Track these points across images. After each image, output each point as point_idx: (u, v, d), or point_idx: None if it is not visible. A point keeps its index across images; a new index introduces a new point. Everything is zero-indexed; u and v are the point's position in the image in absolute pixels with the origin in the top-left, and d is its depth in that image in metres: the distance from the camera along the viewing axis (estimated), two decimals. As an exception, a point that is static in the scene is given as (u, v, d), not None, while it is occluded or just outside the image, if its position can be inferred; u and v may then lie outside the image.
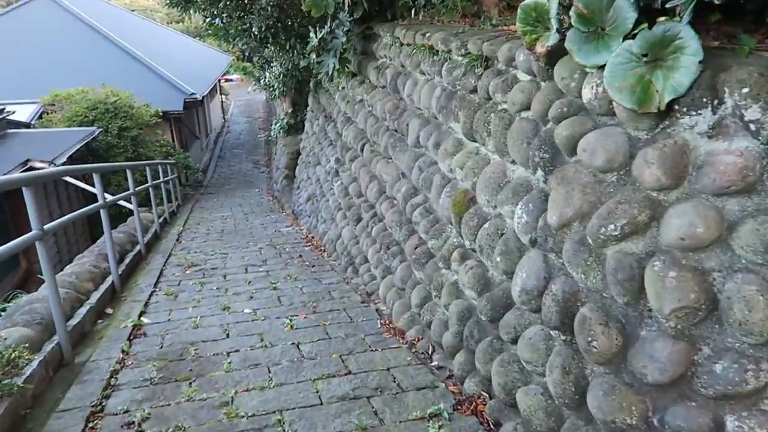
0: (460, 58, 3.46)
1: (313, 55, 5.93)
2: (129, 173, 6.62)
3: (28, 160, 8.71)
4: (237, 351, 3.56)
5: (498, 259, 2.65)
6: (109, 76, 14.08)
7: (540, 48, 2.32)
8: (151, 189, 8.22)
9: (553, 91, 2.41)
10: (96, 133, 11.12)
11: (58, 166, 9.09)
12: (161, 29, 26.45)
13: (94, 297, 4.49)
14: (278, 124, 14.46)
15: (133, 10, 31.11)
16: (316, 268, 5.93)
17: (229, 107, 31.20)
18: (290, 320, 4.10)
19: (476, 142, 3.17)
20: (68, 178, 9.44)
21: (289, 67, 8.77)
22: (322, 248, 6.93)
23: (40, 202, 9.00)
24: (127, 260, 5.96)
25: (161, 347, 3.71)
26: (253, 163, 20.09)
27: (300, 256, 6.60)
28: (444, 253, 3.32)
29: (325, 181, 7.59)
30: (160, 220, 9.34)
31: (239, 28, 7.63)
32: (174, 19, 45.81)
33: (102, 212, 4.90)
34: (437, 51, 3.85)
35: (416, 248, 3.80)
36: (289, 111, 14.28)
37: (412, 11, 4.93)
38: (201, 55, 24.72)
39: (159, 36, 23.35)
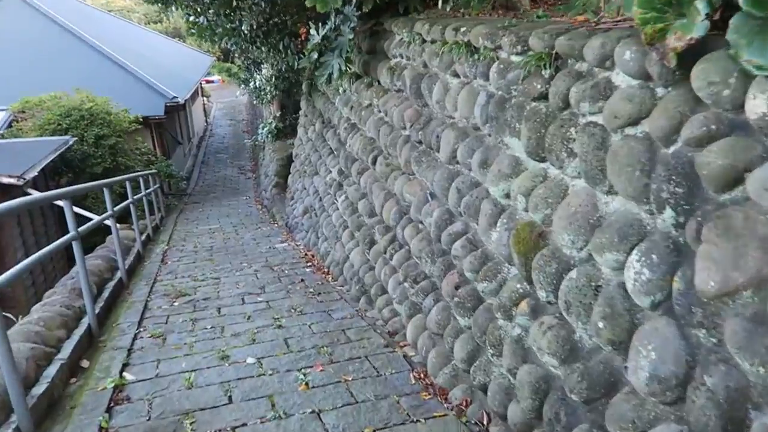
0: (514, 57, 2.80)
1: (314, 55, 5.23)
2: (106, 192, 5.85)
3: (-7, 176, 7.89)
4: (244, 425, 2.87)
5: (600, 324, 1.99)
6: (85, 80, 13.20)
7: (676, 42, 1.66)
8: (131, 205, 7.46)
9: (686, 101, 1.76)
10: (70, 143, 10.29)
11: (27, 180, 8.29)
12: (139, 30, 25.48)
13: (67, 348, 3.75)
14: (266, 128, 13.72)
15: (110, 11, 30.04)
16: (323, 297, 5.24)
17: (211, 110, 30.31)
18: (304, 375, 3.41)
19: (545, 162, 2.52)
20: (33, 192, 8.61)
21: (282, 69, 8.06)
22: (326, 270, 6.24)
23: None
24: (105, 293, 5.21)
25: (149, 419, 3.00)
26: (238, 169, 19.29)
27: (302, 280, 5.90)
28: (503, 300, 2.66)
29: (326, 194, 6.90)
30: (143, 237, 8.57)
31: (227, 26, 6.90)
32: (152, 20, 44.68)
33: (74, 245, 4.15)
34: (477, 48, 3.19)
35: (458, 288, 3.14)
36: (278, 114, 13.54)
37: (439, 3, 4.25)
38: (182, 56, 23.83)
39: (137, 37, 22.41)
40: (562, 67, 2.46)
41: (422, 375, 3.35)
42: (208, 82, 35.07)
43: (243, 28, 6.88)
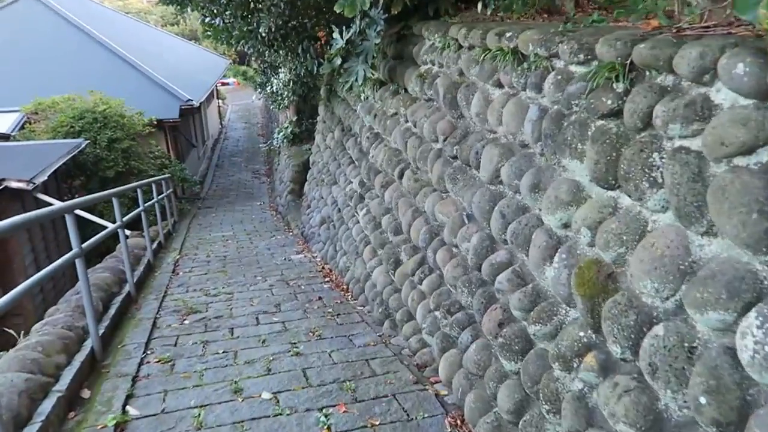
0: (575, 68, 2.44)
1: (337, 60, 4.90)
2: (115, 202, 5.56)
3: (2, 180, 7.65)
4: (260, 482, 2.53)
5: (702, 399, 1.62)
6: (99, 82, 13.02)
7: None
8: (142, 213, 7.17)
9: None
10: (83, 146, 10.07)
11: (36, 185, 8.04)
12: (155, 32, 25.40)
13: (66, 377, 3.43)
14: (281, 133, 13.45)
15: (126, 13, 30.03)
16: (343, 318, 4.89)
17: (226, 112, 30.19)
18: (326, 417, 3.06)
19: (615, 190, 2.16)
20: (42, 196, 8.38)
21: (301, 74, 7.74)
22: (345, 287, 5.90)
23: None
24: (112, 309, 4.91)
25: (152, 468, 2.67)
26: (252, 173, 19.04)
27: (320, 298, 5.56)
28: (561, 349, 2.29)
29: (345, 205, 6.56)
30: (154, 245, 8.30)
31: (243, 29, 6.60)
32: (169, 22, 44.82)
33: (78, 263, 3.84)
34: (525, 56, 2.83)
35: (502, 326, 2.77)
36: (294, 119, 13.27)
37: (478, 6, 3.90)
38: (197, 58, 23.69)
39: (153, 39, 22.30)
40: (639, 80, 2.10)
41: (458, 421, 2.99)
42: (223, 84, 35.00)
43: (260, 30, 6.56)
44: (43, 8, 15.67)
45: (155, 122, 13.00)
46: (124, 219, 6.44)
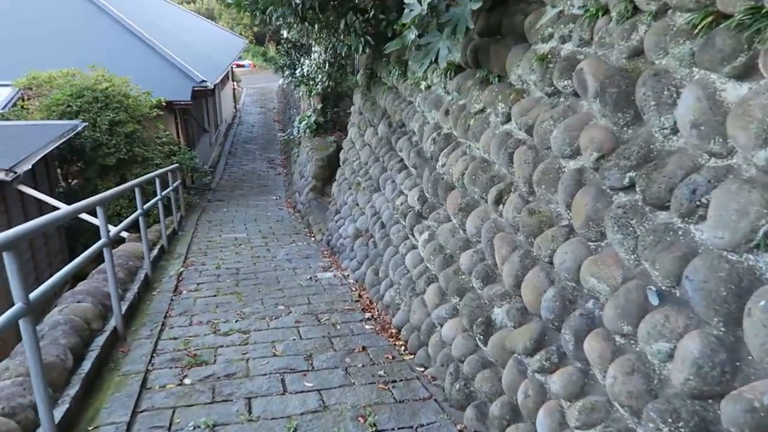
0: None
1: (411, 34, 3.52)
2: (100, 213, 4.24)
3: (-25, 168, 6.37)
4: None
5: None
6: (104, 56, 11.71)
7: None
8: (141, 218, 5.86)
9: None
10: (79, 128, 8.77)
11: (17, 175, 6.74)
12: (170, 7, 24.02)
13: None
14: (304, 122, 12.09)
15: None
16: (401, 390, 3.56)
17: (241, 95, 28.83)
18: None
19: None
20: (25, 189, 7.09)
21: (342, 53, 6.37)
22: (394, 333, 4.57)
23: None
24: (87, 363, 3.60)
25: None
26: (268, 162, 17.71)
27: (363, 348, 4.23)
28: None
29: (394, 221, 5.22)
30: (155, 251, 7.01)
31: (275, -8, 5.23)
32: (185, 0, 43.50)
33: (22, 325, 2.51)
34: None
35: None
36: (318, 107, 11.90)
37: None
38: (213, 38, 22.34)
39: (167, 15, 20.94)
40: None
41: None
42: (238, 66, 33.65)
43: (295, -2, 5.20)
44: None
45: (164, 104, 11.68)
46: (119, 227, 5.15)
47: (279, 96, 26.64)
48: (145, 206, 6.03)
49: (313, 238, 9.12)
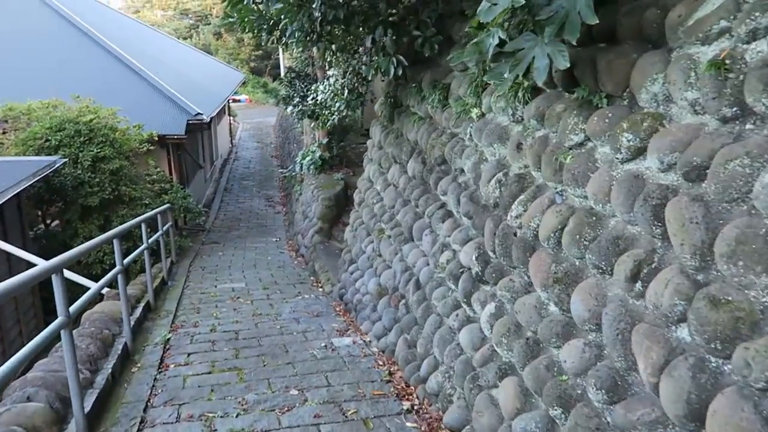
0: None
1: (491, 39, 2.54)
2: (56, 284, 3.15)
3: None
4: None
5: None
6: (92, 87, 10.79)
7: None
8: (120, 276, 4.78)
9: None
10: (57, 165, 7.73)
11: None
12: (164, 38, 23.34)
13: None
14: (307, 158, 11.12)
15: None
16: None
17: (237, 130, 27.99)
18: None
19: None
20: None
21: (367, 78, 5.39)
22: (449, 436, 3.47)
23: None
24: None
25: None
26: (266, 200, 16.68)
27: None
28: None
29: (435, 281, 4.16)
30: (138, 311, 5.90)
31: (289, 4, 4.27)
32: (182, 35, 43.26)
33: None
34: None
35: None
36: (324, 142, 10.95)
37: None
38: (210, 70, 21.60)
39: (161, 46, 20.21)
40: None
41: None
42: (234, 101, 33.00)
43: (313, 10, 4.25)
44: None
45: (156, 138, 10.70)
46: (81, 300, 4.07)
47: (276, 131, 25.84)
48: (126, 261, 4.96)
49: (321, 289, 8.02)
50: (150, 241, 6.99)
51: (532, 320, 2.86)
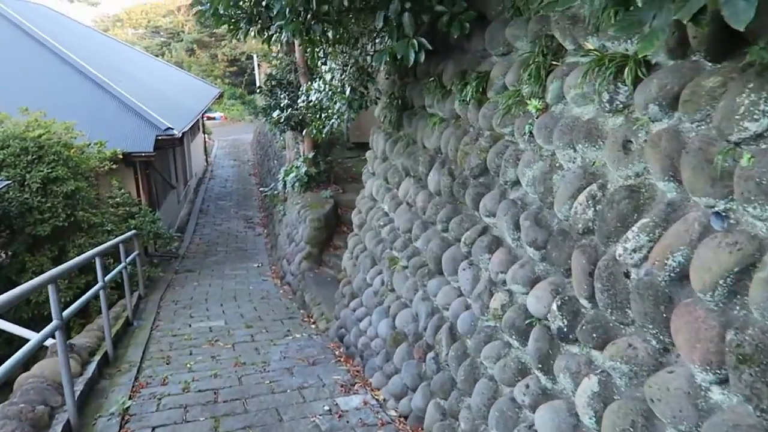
0: None
1: None
2: None
3: None
4: None
5: None
6: (48, 100, 9.59)
7: None
8: (59, 333, 3.61)
9: None
10: (-2, 189, 6.53)
11: None
12: (133, 52, 22.11)
13: None
14: (292, 174, 10.03)
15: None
16: None
17: (212, 148, 26.74)
18: None
19: None
20: None
21: (376, 71, 4.33)
22: None
23: None
24: None
25: None
26: (245, 221, 15.50)
27: None
28: None
29: (482, 334, 3.10)
30: (92, 365, 4.72)
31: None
32: (153, 53, 41.94)
33: None
34: None
35: None
36: (309, 156, 9.88)
37: None
38: (182, 85, 20.42)
39: (129, 59, 18.99)
40: None
41: None
42: (209, 118, 31.80)
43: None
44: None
45: (121, 156, 9.52)
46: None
47: (254, 147, 24.72)
48: (68, 312, 3.79)
49: (314, 326, 6.90)
50: (110, 276, 5.83)
51: (683, 415, 1.81)
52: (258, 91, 10.96)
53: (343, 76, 4.44)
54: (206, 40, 42.24)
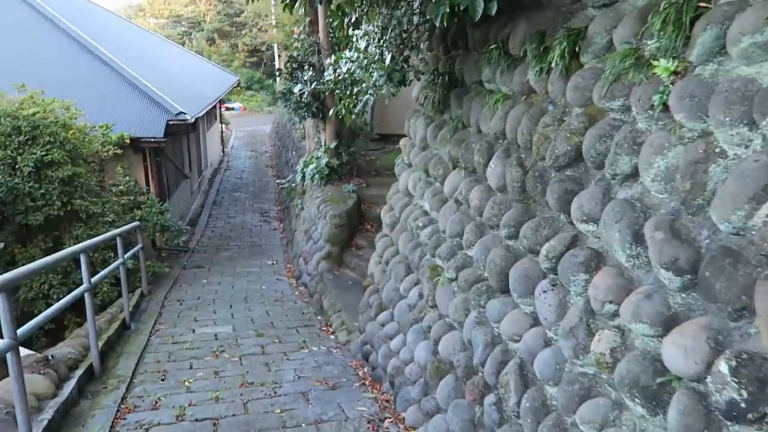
0: None
1: None
2: None
3: None
4: None
5: None
6: (52, 78, 8.88)
7: None
8: (10, 357, 2.81)
9: None
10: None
11: None
12: (150, 36, 21.46)
13: None
14: (312, 165, 9.21)
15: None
16: None
17: (230, 138, 26.05)
18: None
19: None
20: None
21: (426, 30, 3.42)
22: None
23: None
24: None
25: None
26: (260, 214, 14.73)
27: None
28: None
29: (575, 386, 2.23)
30: (70, 387, 3.95)
31: None
32: (174, 42, 41.49)
33: None
34: None
35: None
36: (331, 146, 9.05)
37: None
38: (200, 71, 19.73)
39: (145, 43, 18.32)
40: None
41: None
42: (227, 109, 31.16)
43: None
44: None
45: (128, 141, 8.77)
46: None
47: (272, 139, 23.98)
48: (23, 330, 2.98)
49: (333, 336, 6.08)
50: (100, 276, 5.06)
51: None
52: (277, 74, 10.15)
53: (381, 42, 3.59)
54: (227, 30, 41.72)
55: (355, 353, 5.21)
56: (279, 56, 26.21)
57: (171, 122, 9.79)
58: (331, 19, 4.87)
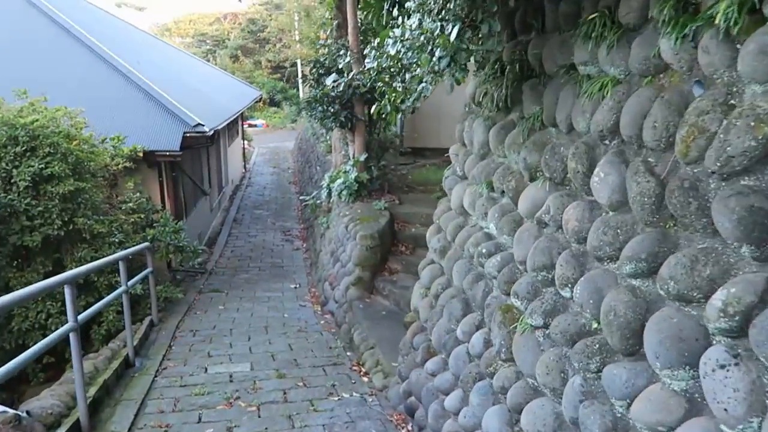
0: None
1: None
2: None
3: None
4: None
5: None
6: (65, 87, 8.27)
7: None
8: None
9: None
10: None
11: None
12: (171, 48, 21.08)
13: None
14: (338, 181, 8.41)
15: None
16: None
17: (252, 155, 25.51)
18: None
19: None
20: None
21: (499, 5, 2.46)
22: None
23: None
24: None
25: None
26: (282, 233, 13.95)
27: None
28: None
29: None
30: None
31: None
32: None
33: None
34: None
35: None
36: (361, 159, 8.25)
37: None
38: (221, 84, 19.22)
39: (166, 54, 17.87)
40: None
41: None
42: (250, 125, 30.76)
43: None
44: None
45: (141, 154, 8.08)
46: None
47: (295, 155, 23.37)
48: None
49: (366, 379, 5.19)
50: (88, 313, 4.27)
51: None
52: (302, 80, 9.46)
53: (443, 12, 2.73)
54: (250, 46, 41.69)
55: (395, 404, 4.31)
56: (302, 73, 25.75)
57: (188, 134, 9.07)
58: (364, 12, 4.09)
